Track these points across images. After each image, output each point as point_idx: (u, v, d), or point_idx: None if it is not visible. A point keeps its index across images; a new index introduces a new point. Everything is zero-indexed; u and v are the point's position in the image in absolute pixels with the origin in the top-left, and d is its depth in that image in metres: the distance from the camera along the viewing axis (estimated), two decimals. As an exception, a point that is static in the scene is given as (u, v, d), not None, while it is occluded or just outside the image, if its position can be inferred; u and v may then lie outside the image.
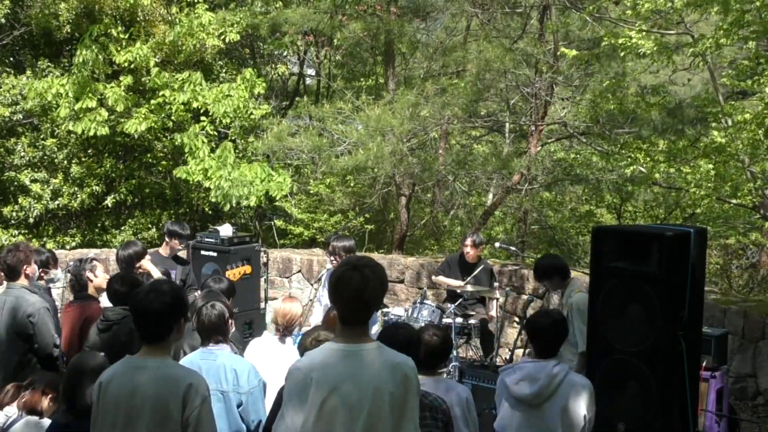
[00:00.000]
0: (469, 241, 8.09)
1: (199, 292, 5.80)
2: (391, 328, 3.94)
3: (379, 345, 3.02)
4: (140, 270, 6.38)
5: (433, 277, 8.72)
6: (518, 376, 4.22)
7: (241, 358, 4.66)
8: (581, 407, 4.18)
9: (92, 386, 3.42)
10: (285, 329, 5.04)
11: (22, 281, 5.36)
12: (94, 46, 12.04)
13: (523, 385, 4.18)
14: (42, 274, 5.83)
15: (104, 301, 5.52)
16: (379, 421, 2.87)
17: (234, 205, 12.30)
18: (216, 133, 13.00)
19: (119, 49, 12.27)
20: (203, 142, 12.49)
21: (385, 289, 3.06)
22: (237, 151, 12.91)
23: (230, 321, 4.61)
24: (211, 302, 4.52)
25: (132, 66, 12.29)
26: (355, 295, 2.94)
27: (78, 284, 5.60)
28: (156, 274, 6.56)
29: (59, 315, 6.03)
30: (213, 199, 12.29)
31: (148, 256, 6.56)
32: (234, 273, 6.97)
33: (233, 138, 13.05)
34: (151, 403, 3.17)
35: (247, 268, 7.36)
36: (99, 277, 5.71)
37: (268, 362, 4.77)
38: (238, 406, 4.33)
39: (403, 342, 3.69)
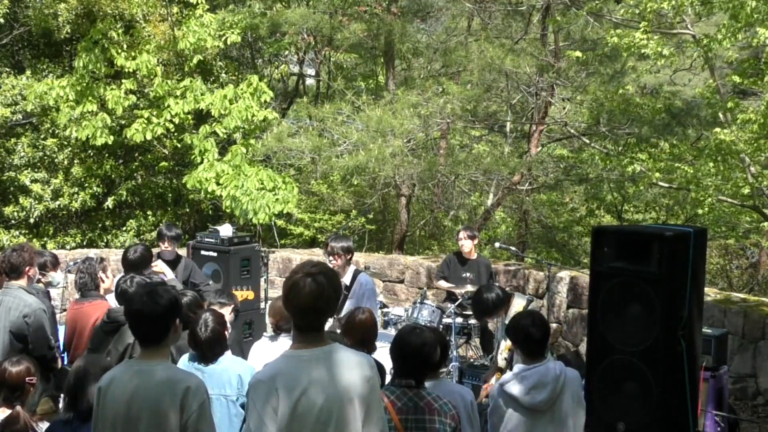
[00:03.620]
0: (462, 234, 8.14)
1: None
2: (406, 333, 3.82)
3: (337, 346, 3.00)
4: (155, 271, 6.34)
5: (435, 283, 8.72)
6: (526, 386, 4.20)
7: (242, 361, 4.64)
8: (582, 397, 4.29)
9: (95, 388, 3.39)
10: (276, 327, 5.03)
11: (22, 282, 5.36)
12: (95, 49, 12.01)
13: (534, 394, 4.18)
14: (39, 277, 5.81)
15: (111, 303, 5.50)
16: (348, 422, 2.87)
17: (248, 220, 11.82)
18: (226, 137, 12.89)
19: (119, 51, 12.23)
20: (212, 145, 12.32)
21: (338, 296, 3.03)
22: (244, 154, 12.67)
23: (226, 331, 4.56)
24: (204, 321, 4.39)
25: (135, 72, 12.22)
26: (309, 302, 2.91)
27: (92, 283, 5.56)
28: (170, 275, 6.53)
29: (57, 314, 5.99)
30: (227, 210, 11.91)
31: (158, 260, 6.54)
32: (236, 294, 6.91)
33: (235, 140, 13.00)
34: (150, 407, 3.14)
35: (250, 294, 7.32)
36: (109, 279, 5.70)
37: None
38: (244, 407, 4.31)
39: (418, 349, 3.68)
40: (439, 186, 14.41)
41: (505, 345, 5.86)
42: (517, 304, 6.00)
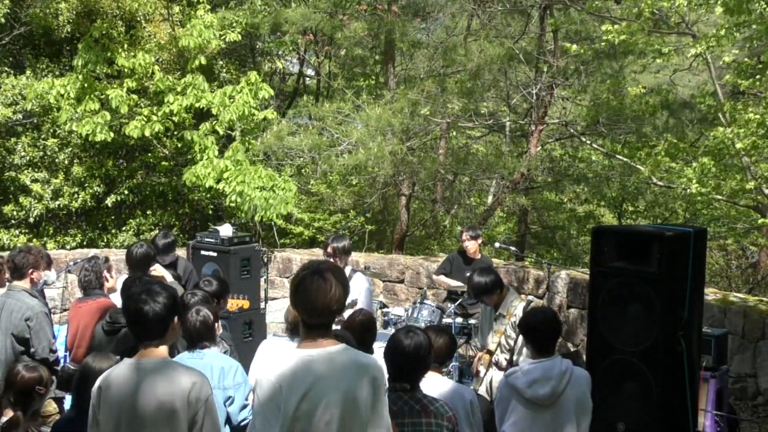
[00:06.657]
0: (465, 235, 8.12)
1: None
2: (400, 336, 3.79)
3: (345, 347, 3.00)
4: (153, 273, 6.32)
5: (434, 277, 8.70)
6: (529, 379, 4.23)
7: (228, 358, 4.64)
8: (589, 398, 4.29)
9: None
10: (294, 328, 5.04)
11: (25, 284, 5.36)
12: (95, 48, 11.98)
13: (536, 387, 4.20)
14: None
15: (115, 302, 5.49)
16: (351, 424, 2.88)
17: (253, 216, 11.66)
18: (225, 134, 12.84)
19: (120, 51, 12.19)
20: (212, 142, 12.20)
21: (347, 293, 3.04)
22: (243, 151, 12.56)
23: (216, 324, 4.59)
24: (197, 308, 4.47)
25: (134, 71, 12.21)
26: (317, 298, 2.92)
27: (97, 282, 5.55)
28: (169, 278, 6.51)
29: (57, 314, 5.98)
30: (231, 205, 11.74)
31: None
32: (231, 304, 6.89)
33: (235, 138, 12.97)
34: (157, 404, 3.14)
35: (245, 303, 7.32)
36: (113, 278, 5.68)
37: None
38: (227, 401, 4.33)
39: (412, 353, 3.67)
40: (438, 185, 14.41)
41: (495, 330, 5.92)
42: (515, 304, 6.02)
